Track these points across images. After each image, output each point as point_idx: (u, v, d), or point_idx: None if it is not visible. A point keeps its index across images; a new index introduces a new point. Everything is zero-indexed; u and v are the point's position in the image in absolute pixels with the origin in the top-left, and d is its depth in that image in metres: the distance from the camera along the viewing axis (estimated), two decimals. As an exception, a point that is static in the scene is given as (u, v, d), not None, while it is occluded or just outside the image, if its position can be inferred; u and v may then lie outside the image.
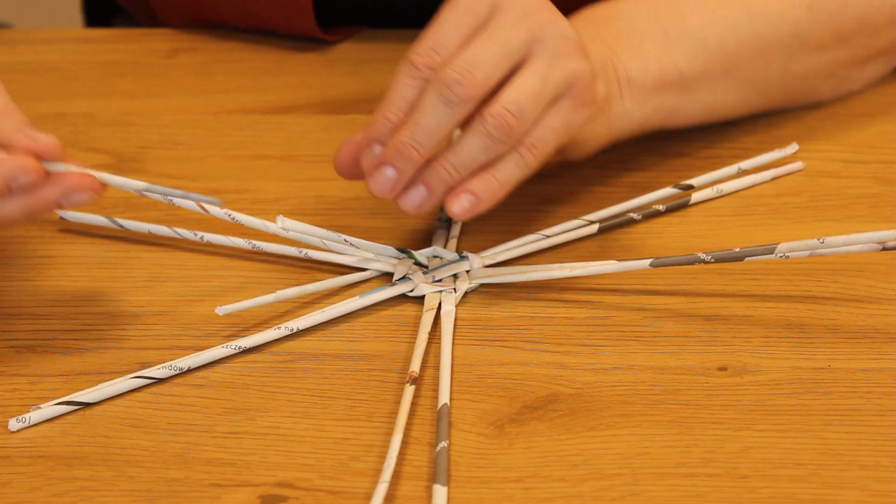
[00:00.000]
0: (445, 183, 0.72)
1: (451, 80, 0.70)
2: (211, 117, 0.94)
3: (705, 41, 0.82)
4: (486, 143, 0.71)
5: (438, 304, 0.73)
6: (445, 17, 0.72)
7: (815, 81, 0.87)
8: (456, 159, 0.72)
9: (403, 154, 0.71)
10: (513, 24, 0.72)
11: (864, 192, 0.82)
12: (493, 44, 0.71)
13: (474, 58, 0.71)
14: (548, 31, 0.72)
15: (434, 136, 0.71)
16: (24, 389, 0.68)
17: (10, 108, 0.69)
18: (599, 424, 0.65)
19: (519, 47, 0.72)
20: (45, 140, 0.68)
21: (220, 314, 0.71)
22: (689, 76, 0.82)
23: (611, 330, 0.71)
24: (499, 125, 0.71)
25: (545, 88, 0.72)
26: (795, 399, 0.66)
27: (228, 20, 1.04)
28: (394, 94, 0.72)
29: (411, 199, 0.72)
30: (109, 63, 1.03)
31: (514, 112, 0.71)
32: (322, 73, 0.99)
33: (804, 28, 0.84)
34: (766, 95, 0.86)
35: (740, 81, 0.84)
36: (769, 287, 0.74)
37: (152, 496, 0.62)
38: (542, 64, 0.72)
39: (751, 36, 0.83)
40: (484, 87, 0.71)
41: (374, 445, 0.64)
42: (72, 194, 0.69)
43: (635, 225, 0.80)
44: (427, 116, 0.71)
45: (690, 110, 0.83)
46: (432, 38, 0.72)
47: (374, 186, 0.72)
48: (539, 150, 0.72)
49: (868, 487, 0.61)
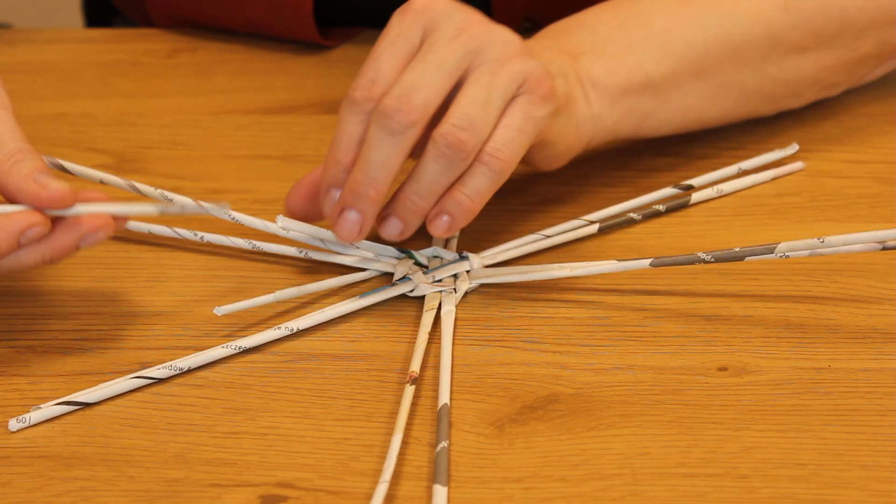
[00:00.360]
0: (415, 212, 0.72)
1: (390, 109, 0.70)
2: (211, 117, 0.94)
3: (671, 43, 0.81)
4: (442, 164, 0.71)
5: (438, 304, 0.73)
6: (379, 48, 0.72)
7: (798, 88, 0.86)
8: (419, 187, 0.71)
9: (360, 194, 0.71)
10: (446, 43, 0.71)
11: (864, 192, 0.82)
12: (429, 65, 0.71)
13: (411, 83, 0.70)
14: (484, 41, 0.72)
15: (386, 168, 0.70)
16: (24, 389, 0.68)
17: (24, 152, 0.68)
18: (599, 424, 0.65)
19: (456, 64, 0.71)
20: (56, 189, 0.68)
21: (219, 314, 0.71)
22: (657, 78, 0.81)
23: (611, 330, 0.71)
24: (450, 143, 0.70)
25: (492, 95, 0.71)
26: (795, 399, 0.66)
27: (228, 26, 1.04)
28: (340, 134, 0.72)
29: (389, 232, 0.73)
30: (109, 63, 1.03)
31: (463, 126, 0.70)
32: (322, 73, 1.00)
33: (779, 29, 0.83)
34: (745, 101, 0.85)
35: (713, 85, 0.83)
36: (769, 287, 0.74)
37: (152, 496, 0.62)
38: (485, 73, 0.71)
39: (719, 37, 0.82)
40: (425, 109, 0.70)
41: (374, 445, 0.64)
42: (87, 237, 0.69)
43: (635, 225, 0.80)
44: (375, 151, 0.70)
45: (664, 115, 0.83)
46: (369, 70, 0.72)
47: (340, 233, 0.72)
48: (506, 154, 0.71)
49: (868, 487, 0.61)
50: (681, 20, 0.82)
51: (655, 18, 0.82)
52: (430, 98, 0.70)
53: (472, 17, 0.73)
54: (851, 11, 0.85)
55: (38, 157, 0.68)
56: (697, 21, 0.82)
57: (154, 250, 0.79)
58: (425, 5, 0.73)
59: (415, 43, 0.72)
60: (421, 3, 0.73)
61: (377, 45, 0.73)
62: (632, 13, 0.82)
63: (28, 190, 0.67)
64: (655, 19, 0.82)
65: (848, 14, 0.85)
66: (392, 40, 0.72)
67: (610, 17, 0.82)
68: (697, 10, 0.82)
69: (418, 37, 0.72)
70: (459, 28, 0.72)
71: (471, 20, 0.72)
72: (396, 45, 0.72)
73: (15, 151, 0.68)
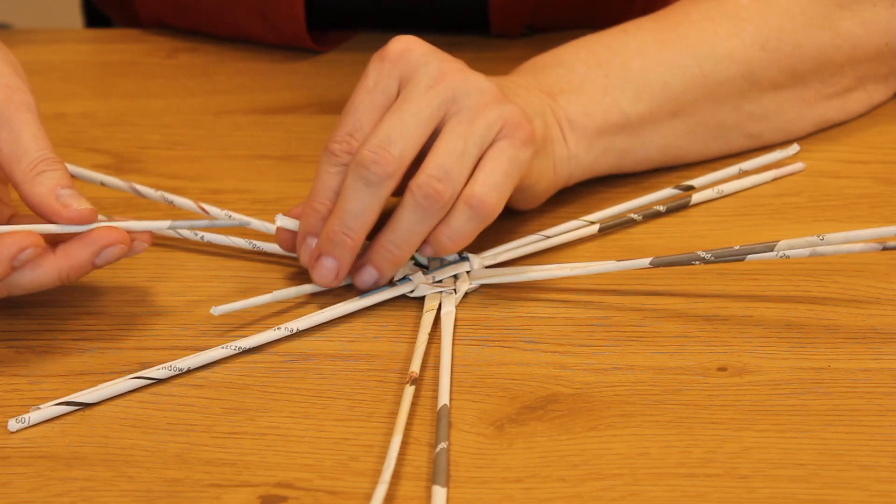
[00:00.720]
0: (392, 262, 0.72)
1: (367, 160, 0.70)
2: (211, 117, 0.94)
3: (648, 83, 0.81)
4: (419, 214, 0.71)
5: (438, 304, 0.73)
6: (356, 99, 0.73)
7: (778, 122, 0.86)
8: (395, 237, 0.72)
9: (336, 242, 0.72)
10: (423, 92, 0.72)
11: (864, 192, 0.82)
12: (405, 115, 0.71)
13: (387, 134, 0.71)
14: (461, 90, 0.72)
15: (361, 218, 0.71)
16: (24, 389, 0.68)
17: (48, 162, 0.68)
18: (599, 425, 0.65)
19: (433, 113, 0.72)
20: (77, 210, 0.68)
21: (216, 314, 0.71)
22: (634, 118, 0.81)
23: (610, 330, 0.71)
24: (427, 194, 0.71)
25: (468, 145, 0.71)
26: (795, 399, 0.66)
27: (220, 34, 1.04)
28: (318, 184, 0.73)
29: (364, 281, 0.73)
30: (109, 63, 1.03)
31: (438, 177, 0.71)
32: (322, 73, 1.00)
33: (756, 67, 0.83)
34: (724, 138, 0.85)
35: (691, 123, 0.83)
36: (769, 287, 0.74)
37: (152, 496, 0.62)
38: (461, 121, 0.72)
39: (697, 77, 0.82)
40: (401, 161, 0.71)
41: (373, 445, 0.64)
42: (104, 252, 0.69)
43: (636, 225, 0.80)
44: (351, 201, 0.71)
45: (642, 153, 0.83)
46: (347, 122, 0.73)
47: (317, 279, 0.73)
48: (493, 198, 0.72)
49: (868, 487, 0.61)
50: (659, 60, 0.82)
51: (633, 58, 0.82)
52: (406, 150, 0.71)
53: (447, 65, 0.73)
54: (827, 50, 0.85)
55: (61, 168, 0.69)
56: (675, 61, 0.82)
57: (154, 250, 0.79)
58: (400, 53, 0.73)
59: (391, 93, 0.73)
60: (396, 50, 0.73)
61: (354, 95, 0.73)
62: (610, 51, 0.82)
63: (49, 206, 0.68)
64: (633, 59, 0.82)
65: (824, 52, 0.85)
66: (369, 90, 0.73)
67: (588, 56, 0.82)
68: (675, 49, 0.82)
69: (395, 86, 0.73)
70: (435, 77, 0.72)
71: (446, 68, 0.73)
72: (373, 96, 0.73)
73: (38, 161, 0.68)
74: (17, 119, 0.69)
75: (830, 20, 0.84)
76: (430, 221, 0.72)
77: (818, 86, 0.85)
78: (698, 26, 0.83)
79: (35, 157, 0.68)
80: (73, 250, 0.68)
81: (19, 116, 0.69)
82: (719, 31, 0.83)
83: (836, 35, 0.84)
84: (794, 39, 0.84)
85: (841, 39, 0.85)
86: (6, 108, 0.69)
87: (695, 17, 0.83)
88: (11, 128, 0.68)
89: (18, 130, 0.68)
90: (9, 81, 0.70)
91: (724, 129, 0.84)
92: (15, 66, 0.72)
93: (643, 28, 0.83)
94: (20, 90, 0.70)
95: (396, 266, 0.73)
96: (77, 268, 0.69)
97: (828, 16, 0.84)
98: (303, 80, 0.98)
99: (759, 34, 0.83)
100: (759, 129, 0.85)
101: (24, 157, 0.68)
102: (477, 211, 0.72)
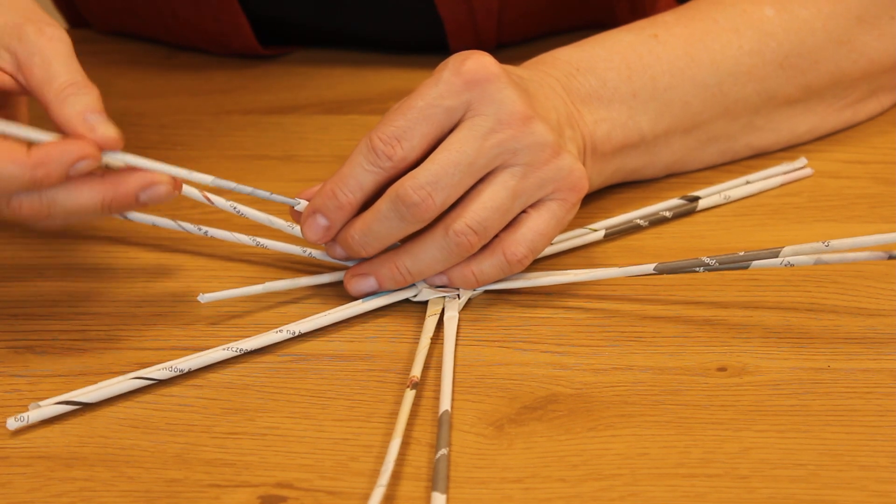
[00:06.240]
0: (398, 282, 0.73)
1: (409, 200, 0.69)
2: (211, 117, 0.94)
3: (671, 103, 0.81)
4: (445, 255, 0.71)
5: (441, 309, 0.73)
6: (418, 102, 0.70)
7: (787, 135, 0.86)
8: (413, 265, 0.72)
9: (349, 247, 0.72)
10: (485, 136, 0.70)
11: (864, 192, 0.82)
12: (461, 159, 0.70)
13: (437, 178, 0.69)
14: (522, 143, 0.71)
15: (383, 242, 0.71)
16: (23, 389, 0.68)
17: (77, 86, 0.68)
18: (599, 425, 0.65)
19: (487, 164, 0.70)
20: (103, 133, 0.68)
21: (203, 301, 0.71)
22: (650, 137, 0.81)
23: (610, 330, 0.71)
24: (460, 242, 0.71)
25: (515, 203, 0.71)
26: (795, 399, 0.66)
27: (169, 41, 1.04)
28: (348, 172, 0.71)
29: (360, 290, 0.73)
30: (109, 63, 1.03)
31: (476, 230, 0.71)
32: (322, 73, 0.99)
33: (772, 85, 0.83)
34: (733, 150, 0.85)
35: (702, 138, 0.83)
36: (769, 288, 0.74)
37: (151, 497, 0.62)
38: (515, 175, 0.71)
39: (717, 96, 0.82)
40: (442, 208, 0.70)
41: (373, 446, 0.64)
42: (151, 188, 0.68)
43: (641, 231, 0.80)
44: (379, 224, 0.71)
45: (650, 169, 0.83)
46: (398, 122, 0.70)
47: (309, 234, 0.72)
48: (528, 260, 0.72)
49: (868, 487, 0.61)
50: (684, 78, 0.81)
51: (662, 75, 0.81)
52: (449, 199, 0.70)
53: (518, 108, 0.71)
54: (844, 65, 0.84)
55: (92, 92, 0.69)
56: (699, 79, 0.82)
57: (154, 250, 0.79)
58: (478, 78, 0.70)
59: (453, 117, 0.71)
60: (474, 70, 0.70)
61: (417, 97, 0.70)
62: (641, 63, 0.81)
63: (76, 128, 0.68)
64: (662, 76, 0.81)
65: (841, 67, 0.84)
66: (432, 102, 0.70)
67: (620, 64, 0.80)
68: (700, 66, 0.82)
69: (460, 110, 0.71)
70: (503, 122, 0.70)
71: (516, 113, 0.70)
72: (434, 111, 0.70)
73: (68, 84, 0.68)
74: (49, 48, 0.69)
75: (850, 34, 0.84)
76: (453, 262, 0.72)
77: (831, 99, 0.85)
78: (724, 39, 0.82)
79: (65, 79, 0.68)
80: (121, 179, 0.68)
81: (51, 46, 0.69)
82: (743, 45, 0.82)
83: (853, 49, 0.84)
84: (814, 56, 0.83)
85: (857, 54, 0.84)
86: (38, 39, 0.69)
87: (722, 25, 0.82)
88: (43, 56, 0.69)
89: (49, 58, 0.69)
90: (43, 17, 0.70)
91: (732, 141, 0.84)
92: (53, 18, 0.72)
93: (673, 34, 0.82)
94: (53, 25, 0.70)
95: (400, 286, 0.73)
96: (121, 198, 0.68)
97: (848, 29, 0.84)
98: (303, 81, 0.98)
99: (781, 50, 0.83)
100: (767, 142, 0.85)
101: (55, 80, 0.68)
102: (510, 264, 0.72)
